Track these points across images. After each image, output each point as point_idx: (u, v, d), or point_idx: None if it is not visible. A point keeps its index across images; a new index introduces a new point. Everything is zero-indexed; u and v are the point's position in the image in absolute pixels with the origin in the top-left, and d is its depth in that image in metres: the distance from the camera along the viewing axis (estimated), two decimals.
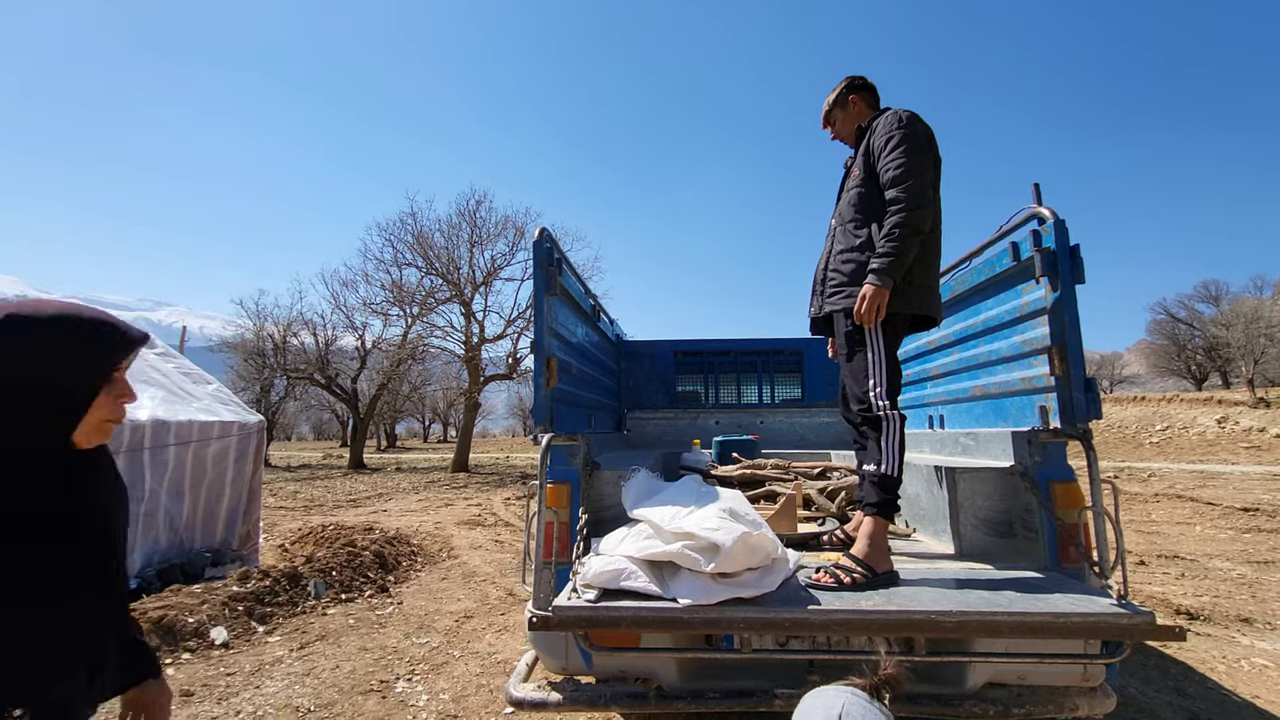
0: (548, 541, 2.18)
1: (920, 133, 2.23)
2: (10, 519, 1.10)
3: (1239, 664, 3.49)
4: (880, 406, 2.19)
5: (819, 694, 1.27)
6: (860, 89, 2.52)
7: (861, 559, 2.02)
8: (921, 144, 2.21)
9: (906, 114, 2.27)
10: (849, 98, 2.52)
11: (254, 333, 23.81)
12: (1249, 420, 21.14)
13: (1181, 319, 36.90)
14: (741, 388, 5.35)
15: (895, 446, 2.17)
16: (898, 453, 2.17)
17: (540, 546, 2.14)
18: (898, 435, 2.18)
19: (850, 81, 2.54)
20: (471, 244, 21.45)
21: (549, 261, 2.66)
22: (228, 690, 3.28)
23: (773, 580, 1.88)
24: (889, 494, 2.16)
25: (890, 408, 2.19)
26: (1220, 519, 8.29)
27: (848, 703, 1.17)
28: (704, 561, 1.78)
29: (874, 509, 2.14)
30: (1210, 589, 5.01)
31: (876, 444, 2.20)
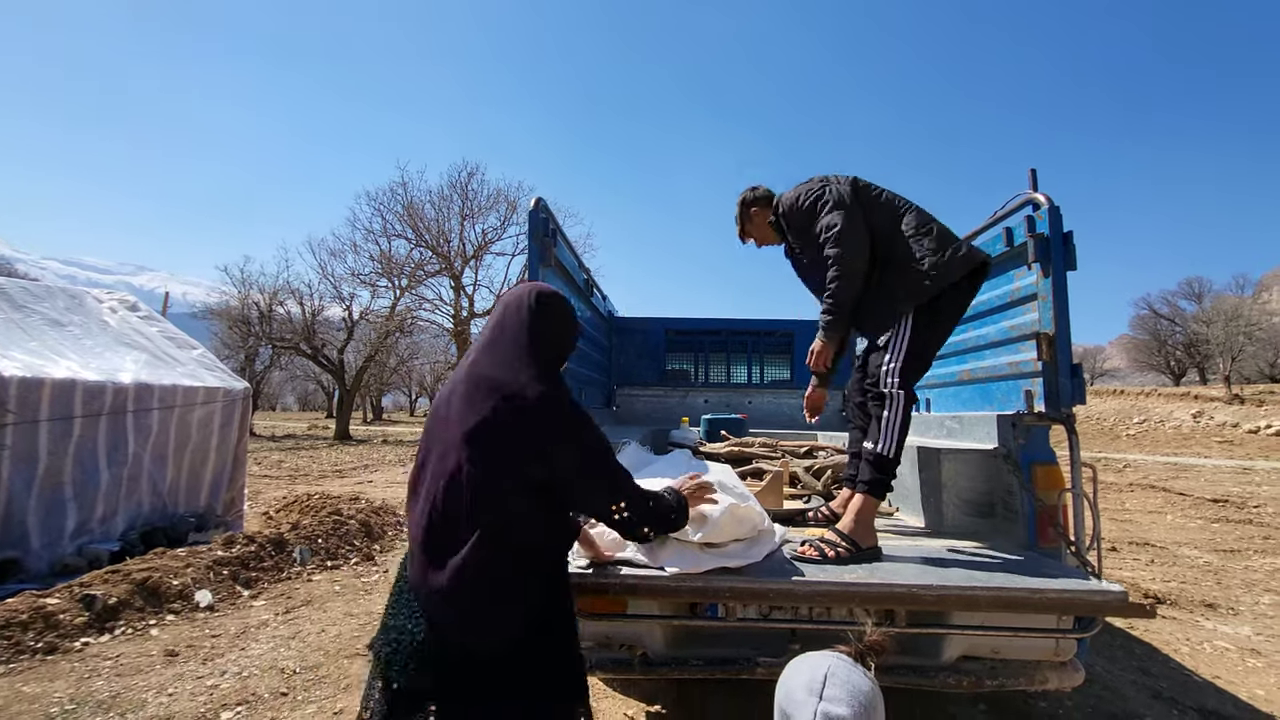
0: None
1: (834, 190, 2.32)
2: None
3: (1201, 646, 3.62)
4: (889, 384, 2.20)
5: (806, 658, 1.31)
6: (755, 201, 2.66)
7: (847, 534, 2.06)
8: (841, 199, 2.28)
9: (817, 184, 2.38)
10: (750, 212, 2.67)
11: (239, 300, 23.47)
12: (1223, 415, 21.61)
13: (1164, 315, 37.46)
14: (731, 367, 5.37)
15: (896, 428, 2.17)
16: (897, 434, 2.17)
17: None
18: (900, 417, 2.18)
19: (743, 200, 2.69)
20: (463, 217, 21.22)
21: (544, 232, 2.64)
22: (213, 651, 3.29)
23: (758, 551, 1.92)
24: (882, 474, 2.17)
25: (898, 387, 2.19)
26: (1191, 509, 8.52)
27: (833, 665, 1.21)
28: (691, 531, 1.80)
29: (865, 487, 2.16)
30: (1178, 575, 5.17)
31: (878, 423, 2.22)
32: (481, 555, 1.33)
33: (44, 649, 3.17)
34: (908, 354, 2.20)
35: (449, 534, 1.35)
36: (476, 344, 1.55)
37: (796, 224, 2.44)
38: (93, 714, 2.63)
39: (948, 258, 2.19)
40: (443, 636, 1.34)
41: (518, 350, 1.47)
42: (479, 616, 1.34)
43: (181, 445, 5.52)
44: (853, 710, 1.13)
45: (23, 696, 2.75)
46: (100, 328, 5.89)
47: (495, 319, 1.54)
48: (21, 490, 4.36)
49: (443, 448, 1.41)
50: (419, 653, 1.33)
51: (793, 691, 1.22)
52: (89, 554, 4.60)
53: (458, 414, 1.40)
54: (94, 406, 4.80)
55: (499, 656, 1.36)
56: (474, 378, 1.44)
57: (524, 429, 1.38)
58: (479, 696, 1.34)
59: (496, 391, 1.39)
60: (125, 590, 3.73)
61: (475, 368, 1.46)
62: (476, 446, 1.36)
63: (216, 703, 2.76)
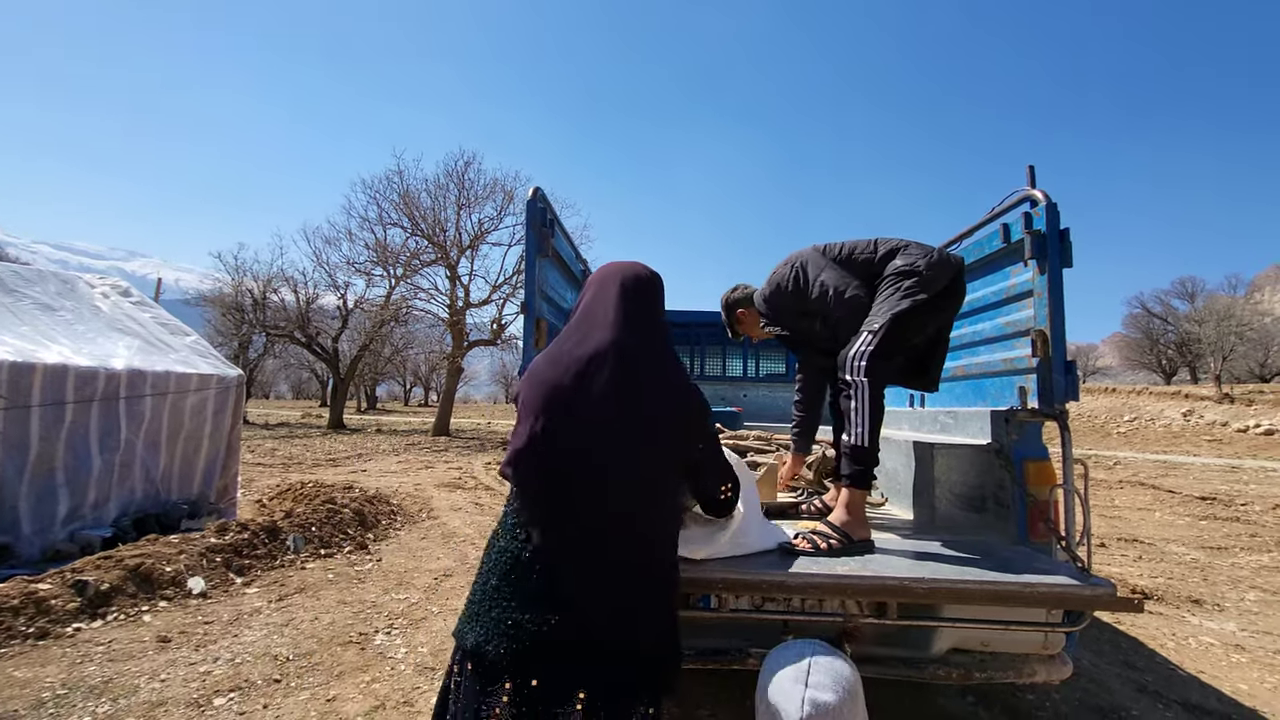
0: None
1: (802, 264, 2.52)
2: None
3: (1187, 641, 3.67)
4: (854, 369, 2.18)
5: (787, 647, 1.33)
6: (738, 303, 2.87)
7: (838, 526, 2.07)
8: (809, 264, 2.51)
9: (780, 275, 2.57)
10: (737, 314, 2.89)
11: (233, 287, 23.32)
12: (1213, 414, 21.80)
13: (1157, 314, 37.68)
14: (727, 360, 5.38)
15: (865, 416, 2.15)
16: (867, 422, 2.15)
17: None
18: (866, 404, 2.15)
19: (726, 303, 2.91)
20: (459, 206, 21.10)
21: (542, 222, 2.63)
22: (206, 638, 3.29)
23: (772, 537, 1.97)
24: (860, 465, 2.16)
25: (863, 374, 2.16)
26: (1179, 506, 8.61)
27: (815, 654, 1.23)
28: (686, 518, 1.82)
29: (848, 480, 2.17)
30: (1165, 571, 5.23)
31: (847, 413, 2.21)
32: (649, 546, 1.35)
33: (36, 634, 3.16)
34: (879, 345, 2.18)
35: (613, 523, 1.31)
36: (604, 319, 1.43)
37: (785, 307, 2.59)
38: (85, 699, 2.63)
39: (937, 259, 2.32)
40: (590, 626, 1.26)
41: (655, 330, 1.47)
42: (645, 610, 1.32)
43: (175, 432, 5.50)
44: (838, 696, 1.16)
45: (14, 681, 2.75)
46: (92, 313, 5.85)
47: (623, 297, 1.46)
48: (13, 476, 4.34)
49: (593, 431, 1.33)
50: (557, 645, 1.25)
51: (778, 680, 1.24)
52: (81, 540, 4.59)
53: (617, 397, 1.33)
54: (86, 392, 4.78)
55: (650, 646, 1.32)
56: (625, 358, 1.37)
57: (685, 417, 1.42)
58: (627, 688, 1.28)
59: (658, 377, 1.40)
60: (118, 576, 3.72)
61: (622, 349, 1.38)
62: (649, 436, 1.35)
63: (209, 689, 2.76)
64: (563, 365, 1.38)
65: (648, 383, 1.37)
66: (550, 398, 1.35)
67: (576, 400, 1.34)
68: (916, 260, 2.32)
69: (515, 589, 1.29)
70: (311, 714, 2.60)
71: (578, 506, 1.32)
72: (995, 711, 2.71)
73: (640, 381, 1.36)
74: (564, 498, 1.32)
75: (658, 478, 1.38)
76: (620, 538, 1.32)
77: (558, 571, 1.29)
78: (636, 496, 1.35)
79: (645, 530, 1.36)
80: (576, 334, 1.43)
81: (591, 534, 1.31)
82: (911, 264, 2.31)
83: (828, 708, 1.16)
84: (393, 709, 2.65)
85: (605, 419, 1.33)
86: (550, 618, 1.25)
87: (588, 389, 1.34)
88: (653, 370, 1.40)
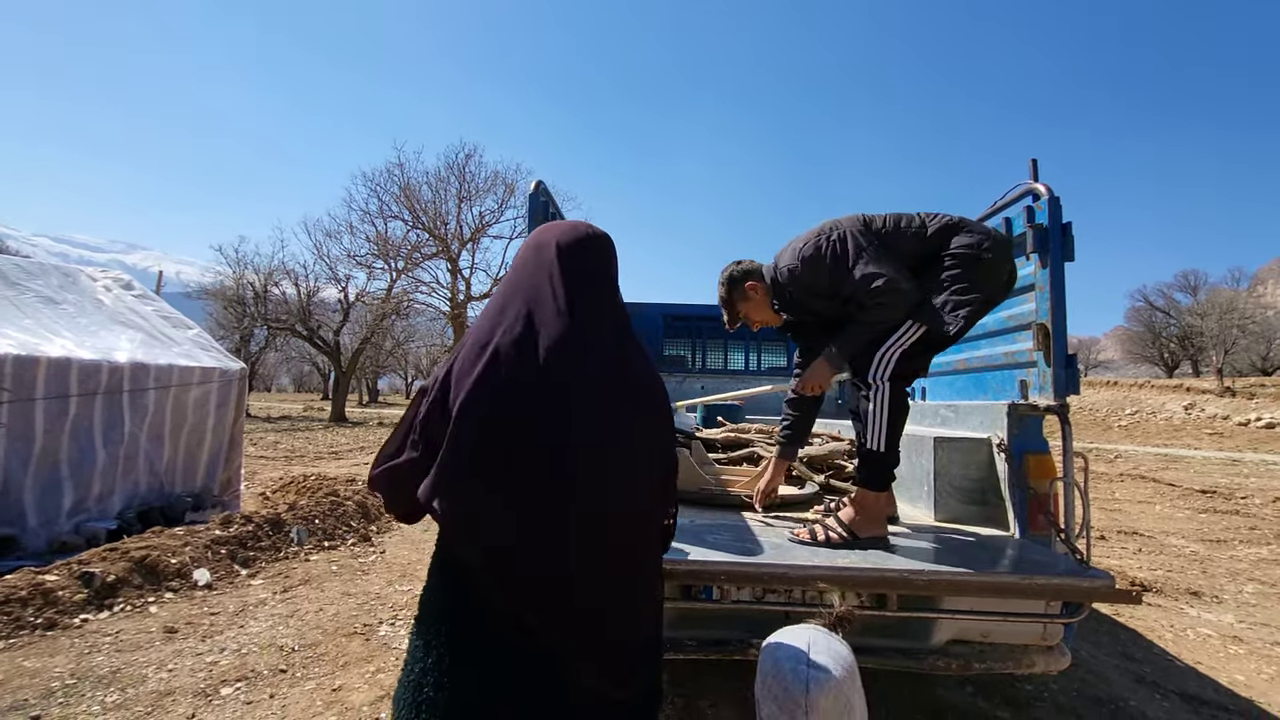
0: None
1: (848, 239, 2.11)
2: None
3: (1185, 633, 3.69)
4: (878, 373, 2.09)
5: (787, 631, 1.37)
6: (748, 274, 2.36)
7: (845, 523, 2.07)
8: (860, 245, 2.09)
9: (813, 242, 2.15)
10: (745, 289, 2.34)
11: (234, 280, 23.32)
12: (1215, 408, 21.80)
13: (1159, 307, 37.61)
14: (729, 354, 5.39)
15: (883, 420, 2.08)
16: (885, 427, 2.08)
17: None
18: (885, 409, 2.08)
19: (730, 276, 2.37)
20: (460, 199, 21.09)
21: (544, 216, 2.64)
22: (211, 629, 3.32)
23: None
24: (874, 469, 2.11)
25: (885, 378, 2.09)
26: (1179, 499, 8.63)
27: (813, 636, 1.27)
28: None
29: (863, 481, 2.15)
30: (1164, 564, 5.25)
31: (866, 415, 2.14)
32: (653, 570, 1.21)
33: (44, 625, 3.19)
34: (908, 350, 2.08)
35: (612, 551, 1.09)
36: (548, 297, 1.11)
37: (811, 285, 2.17)
38: (94, 688, 2.66)
39: (997, 241, 2.09)
40: (575, 677, 1.06)
41: (619, 315, 1.17)
42: (649, 644, 1.18)
43: (178, 425, 5.52)
44: (839, 673, 1.19)
45: (24, 671, 2.78)
46: (95, 306, 5.86)
47: (573, 272, 1.13)
48: (18, 468, 4.36)
49: (576, 431, 1.06)
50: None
51: (780, 662, 1.26)
52: (86, 532, 4.62)
53: (597, 392, 1.07)
54: (90, 385, 4.79)
55: (647, 693, 1.18)
56: (574, 343, 1.08)
57: (670, 420, 1.21)
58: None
59: (642, 370, 1.15)
60: (123, 568, 3.75)
61: (589, 331, 1.10)
62: (648, 443, 1.15)
63: (216, 678, 2.79)
64: (541, 341, 1.07)
65: (635, 376, 1.14)
66: (502, 377, 1.05)
67: (541, 389, 1.06)
68: (980, 241, 2.05)
69: (444, 657, 1.07)
70: (317, 704, 2.62)
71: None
72: (995, 702, 2.73)
73: (627, 376, 1.13)
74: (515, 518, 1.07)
75: (666, 490, 1.23)
76: (636, 566, 1.17)
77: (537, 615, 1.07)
78: (652, 516, 1.20)
79: (659, 549, 1.25)
80: (514, 319, 1.09)
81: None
82: (973, 245, 2.03)
83: (831, 681, 1.20)
84: None
85: (591, 417, 1.08)
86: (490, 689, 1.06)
87: (553, 377, 1.06)
88: (635, 362, 1.16)
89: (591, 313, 1.10)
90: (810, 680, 1.19)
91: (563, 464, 1.05)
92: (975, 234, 2.08)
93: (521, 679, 1.04)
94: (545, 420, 1.04)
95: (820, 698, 1.17)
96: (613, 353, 1.11)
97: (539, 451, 1.04)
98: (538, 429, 1.04)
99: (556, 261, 1.12)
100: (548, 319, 1.07)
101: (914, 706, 2.64)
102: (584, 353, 1.07)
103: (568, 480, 1.05)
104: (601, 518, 1.07)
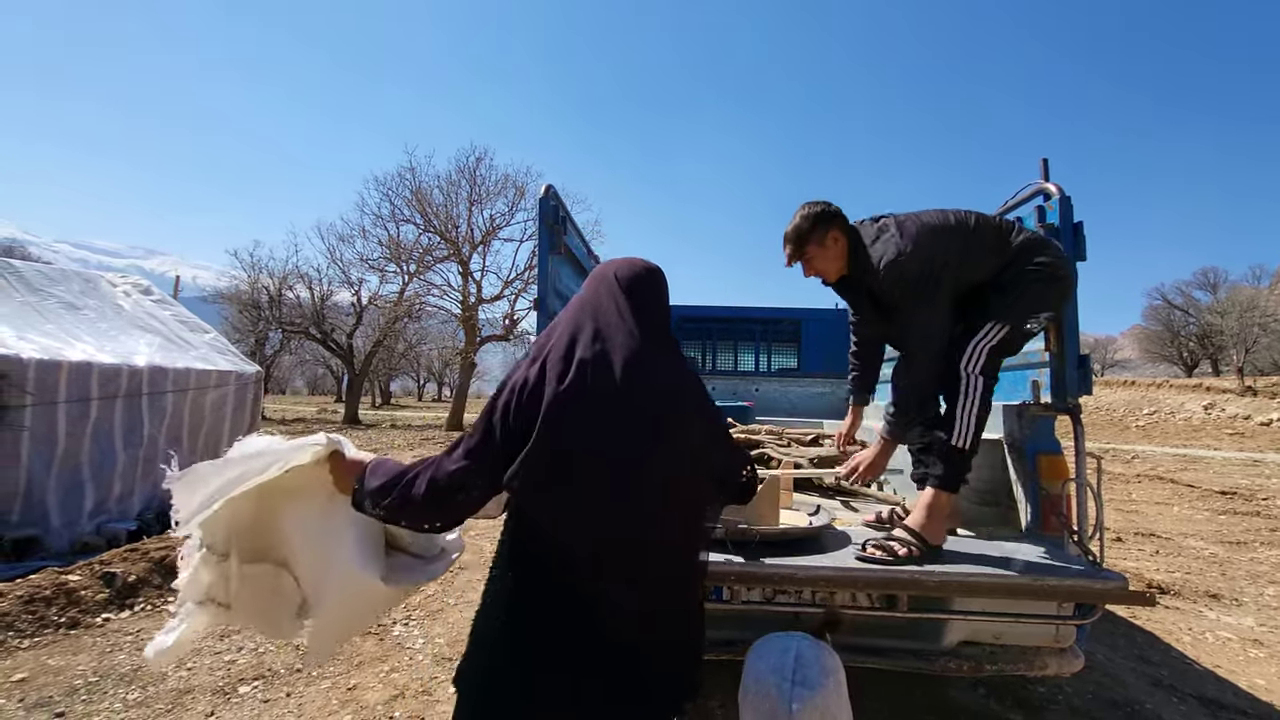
0: None
1: (911, 261, 1.98)
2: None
3: (1204, 636, 3.64)
4: (971, 366, 2.00)
5: (769, 641, 1.35)
6: (833, 219, 2.13)
7: (916, 531, 1.94)
8: (922, 278, 1.99)
9: (900, 250, 1.99)
10: (828, 236, 2.12)
11: (249, 284, 23.61)
12: (1235, 407, 21.42)
13: (1178, 305, 37.02)
14: (739, 355, 5.39)
15: (972, 417, 1.98)
16: (974, 424, 1.98)
17: None
18: (976, 405, 1.99)
19: (815, 215, 2.11)
20: (470, 202, 21.19)
21: (554, 219, 2.66)
22: (229, 628, 3.37)
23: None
24: (955, 468, 2.00)
25: (979, 371, 2.00)
26: (1198, 501, 8.49)
27: (799, 647, 1.26)
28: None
29: (937, 481, 2.01)
30: (1182, 566, 5.18)
31: (951, 411, 2.04)
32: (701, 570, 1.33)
33: (67, 624, 3.26)
34: (1004, 338, 1.99)
35: (676, 544, 1.24)
36: (624, 320, 1.26)
37: (935, 256, 2.02)
38: (116, 686, 2.72)
39: (1067, 268, 2.08)
40: (635, 666, 1.17)
41: (671, 335, 1.36)
42: (696, 620, 1.30)
43: (196, 428, 5.61)
44: (824, 687, 1.18)
45: (48, 669, 2.84)
46: (115, 311, 5.97)
47: (636, 298, 1.30)
48: (41, 470, 4.46)
49: (638, 440, 1.18)
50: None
51: (762, 676, 1.26)
52: (107, 533, 4.71)
53: (651, 400, 1.19)
54: (110, 389, 4.89)
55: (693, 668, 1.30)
56: (645, 359, 1.23)
57: (716, 414, 1.39)
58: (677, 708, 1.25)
59: (692, 378, 1.32)
60: (144, 568, 3.82)
61: (654, 348, 1.26)
62: (705, 441, 1.29)
63: (234, 677, 2.84)
64: (593, 361, 1.20)
65: (680, 380, 1.27)
66: (567, 397, 1.16)
67: (603, 405, 1.17)
68: (1059, 262, 2.06)
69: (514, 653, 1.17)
70: (333, 702, 2.66)
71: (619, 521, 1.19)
72: (1007, 704, 2.72)
73: (676, 384, 1.26)
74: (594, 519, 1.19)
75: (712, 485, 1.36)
76: (691, 552, 1.30)
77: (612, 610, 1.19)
78: (694, 506, 1.31)
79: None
80: (590, 337, 1.23)
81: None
82: (1054, 263, 2.03)
83: (813, 698, 1.19)
84: (411, 697, 2.71)
85: (647, 424, 1.19)
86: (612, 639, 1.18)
87: (612, 388, 1.17)
88: (677, 367, 1.30)
89: (654, 333, 1.27)
90: (794, 698, 1.19)
91: (641, 463, 1.17)
92: (1055, 254, 2.07)
93: (589, 662, 1.14)
94: (625, 424, 1.16)
95: (803, 713, 1.16)
96: (673, 366, 1.27)
97: (621, 452, 1.16)
98: (619, 432, 1.16)
99: (621, 291, 1.30)
100: (618, 339, 1.22)
101: (926, 709, 2.63)
102: (651, 366, 1.22)
103: (646, 478, 1.17)
104: (671, 515, 1.21)
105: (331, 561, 1.39)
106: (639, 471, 1.17)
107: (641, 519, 1.17)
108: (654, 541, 1.19)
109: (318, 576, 1.43)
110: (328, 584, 1.41)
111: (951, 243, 2.03)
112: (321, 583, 1.43)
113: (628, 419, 1.17)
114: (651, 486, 1.18)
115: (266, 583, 1.46)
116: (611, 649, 1.15)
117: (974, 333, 2.01)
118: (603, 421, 1.15)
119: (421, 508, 1.19)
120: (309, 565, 1.44)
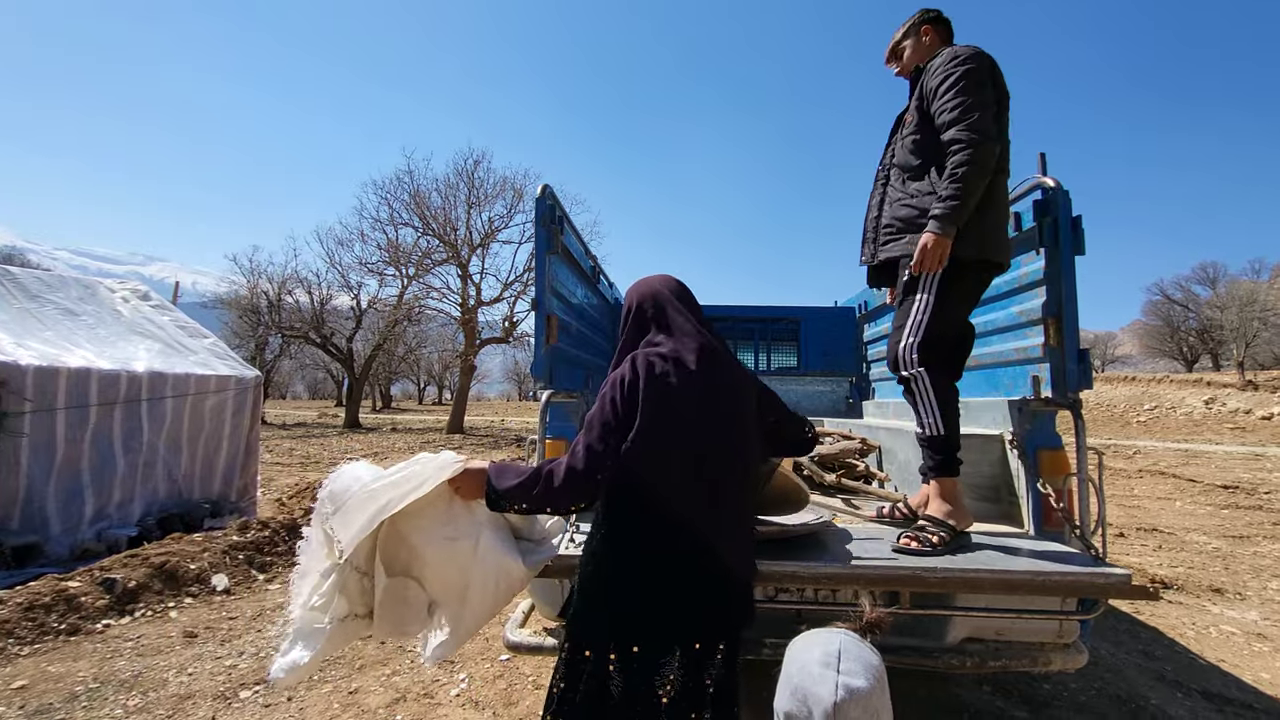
0: None
1: (981, 67, 2.06)
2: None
3: (1208, 630, 3.63)
4: (908, 363, 2.13)
5: (815, 634, 1.34)
6: (935, 21, 2.31)
7: (941, 519, 2.02)
8: (982, 79, 2.05)
9: (965, 50, 2.11)
10: (921, 28, 2.31)
11: (248, 289, 23.61)
12: (1236, 402, 21.42)
13: (1177, 300, 37.00)
14: (738, 354, 5.38)
15: (932, 404, 2.11)
16: (937, 410, 2.10)
17: None
18: (929, 393, 2.11)
19: (924, 13, 2.33)
20: (469, 205, 21.19)
21: (551, 219, 2.65)
22: (230, 633, 3.37)
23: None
24: (940, 454, 2.11)
25: (918, 364, 2.11)
26: (1200, 495, 8.48)
27: (843, 641, 1.24)
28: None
29: (933, 471, 2.13)
30: (1185, 560, 5.17)
31: (914, 407, 2.17)
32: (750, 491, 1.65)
33: (67, 630, 3.25)
34: (927, 324, 2.10)
35: (740, 484, 1.57)
36: (687, 320, 1.67)
37: (924, 84, 2.18)
38: (116, 692, 2.71)
39: (1004, 230, 2.21)
40: (727, 577, 1.47)
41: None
42: (750, 557, 1.60)
43: (195, 433, 5.60)
44: (869, 682, 1.16)
45: (48, 675, 2.83)
46: (113, 317, 5.96)
47: (683, 303, 1.71)
48: (40, 477, 4.45)
49: (719, 415, 1.55)
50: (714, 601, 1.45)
51: (807, 665, 1.24)
52: (107, 539, 4.70)
53: (723, 382, 1.57)
54: (109, 395, 4.88)
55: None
56: (713, 349, 1.63)
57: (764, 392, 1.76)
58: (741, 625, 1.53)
59: (738, 362, 1.71)
60: (144, 574, 3.81)
61: (707, 339, 1.65)
62: (749, 413, 1.63)
63: (235, 682, 2.83)
64: (682, 358, 1.57)
65: (739, 375, 1.65)
66: (663, 389, 1.51)
67: (696, 390, 1.53)
68: (943, 186, 2.08)
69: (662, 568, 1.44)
70: (334, 706, 2.65)
71: (713, 475, 1.51)
72: (1012, 700, 2.71)
73: (736, 368, 1.66)
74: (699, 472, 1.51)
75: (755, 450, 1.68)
76: (738, 493, 1.56)
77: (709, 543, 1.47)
78: (751, 462, 1.65)
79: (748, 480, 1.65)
80: (674, 338, 1.63)
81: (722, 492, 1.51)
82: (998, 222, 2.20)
83: (860, 692, 1.17)
84: (413, 700, 2.70)
85: (728, 400, 1.57)
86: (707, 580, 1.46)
87: (701, 380, 1.55)
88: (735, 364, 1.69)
89: (706, 325, 1.67)
90: (840, 687, 1.17)
91: (719, 424, 1.53)
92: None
93: (681, 576, 1.43)
94: (706, 395, 1.53)
95: (849, 707, 1.14)
96: (728, 353, 1.66)
97: (705, 416, 1.52)
98: (702, 401, 1.52)
99: (675, 297, 1.70)
100: (689, 330, 1.62)
101: (931, 705, 2.62)
102: (716, 354, 1.60)
103: (725, 435, 1.54)
104: (747, 469, 1.60)
105: (469, 559, 1.59)
106: (717, 430, 1.52)
107: (719, 465, 1.50)
108: (728, 483, 1.51)
109: (448, 577, 1.61)
110: (470, 578, 1.60)
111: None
112: (453, 581, 1.61)
113: (707, 392, 1.53)
114: (726, 442, 1.53)
115: (398, 592, 1.63)
116: (696, 567, 1.44)
117: (896, 337, 2.17)
118: (689, 395, 1.51)
119: (564, 494, 1.45)
120: (437, 569, 1.61)
